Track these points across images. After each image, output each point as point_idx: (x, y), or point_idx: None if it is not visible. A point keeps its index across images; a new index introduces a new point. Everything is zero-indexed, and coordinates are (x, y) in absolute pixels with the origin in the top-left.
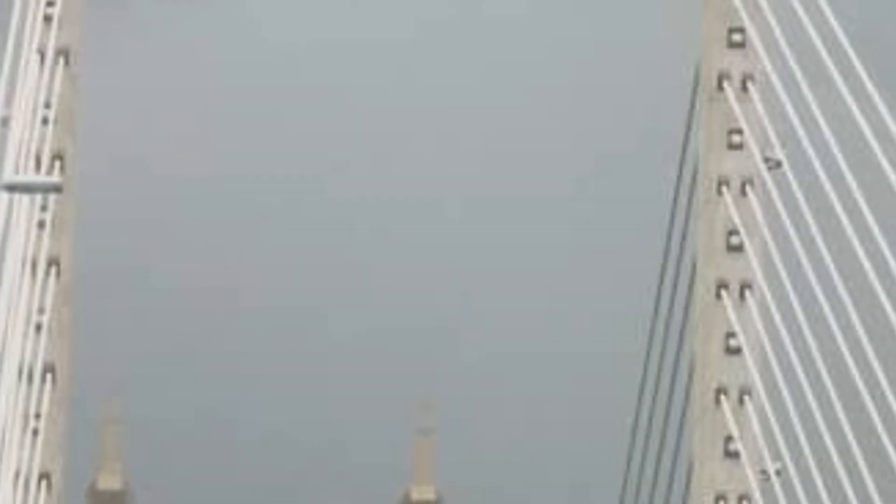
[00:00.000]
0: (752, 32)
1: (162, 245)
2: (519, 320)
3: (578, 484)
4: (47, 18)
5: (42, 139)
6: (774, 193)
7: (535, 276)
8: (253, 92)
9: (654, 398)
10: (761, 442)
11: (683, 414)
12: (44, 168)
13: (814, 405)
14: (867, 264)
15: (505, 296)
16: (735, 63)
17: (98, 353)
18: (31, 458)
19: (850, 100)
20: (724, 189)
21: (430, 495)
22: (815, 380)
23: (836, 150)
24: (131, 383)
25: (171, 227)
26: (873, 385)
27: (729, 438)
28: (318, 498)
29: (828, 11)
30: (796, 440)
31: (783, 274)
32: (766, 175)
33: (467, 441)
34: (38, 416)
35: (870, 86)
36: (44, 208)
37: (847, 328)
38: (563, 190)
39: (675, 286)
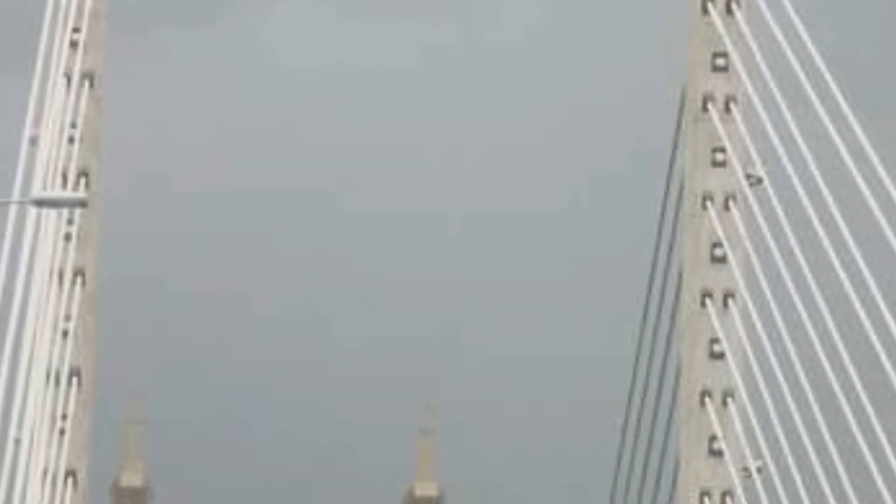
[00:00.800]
0: (734, 57)
1: (181, 256)
2: (517, 326)
3: (574, 481)
4: (73, 44)
5: (68, 157)
6: (756, 208)
7: (533, 284)
8: (267, 113)
9: (643, 400)
10: (743, 441)
11: (670, 415)
12: (70, 184)
13: (793, 407)
14: (843, 274)
15: (504, 303)
16: (719, 86)
17: (121, 357)
18: (59, 457)
19: (826, 120)
20: (709, 204)
21: (433, 492)
22: (794, 383)
23: (813, 167)
24: (152, 387)
25: (190, 240)
26: (849, 388)
27: (713, 438)
28: (327, 495)
29: (805, 37)
30: (776, 439)
31: (764, 284)
32: (748, 191)
33: (468, 441)
34: (64, 417)
35: (845, 107)
36: (70, 222)
37: (824, 334)
38: (559, 204)
39: (662, 295)
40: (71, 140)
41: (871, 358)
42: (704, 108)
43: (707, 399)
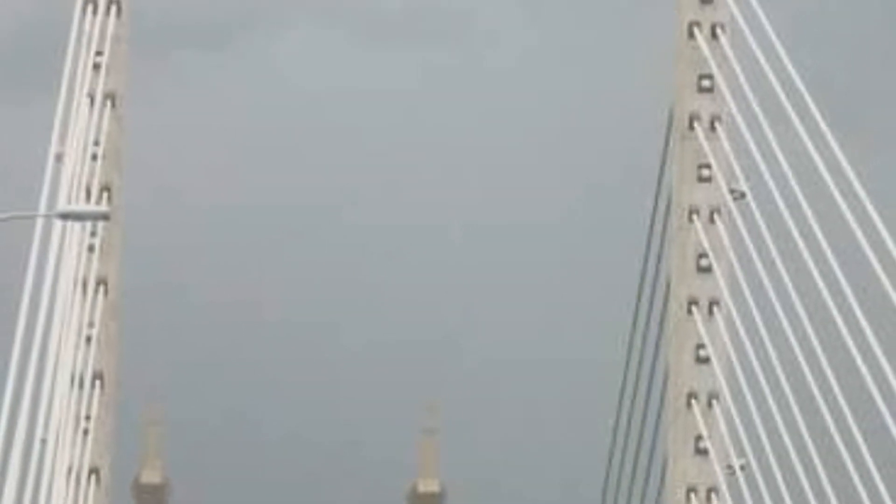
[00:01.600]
0: (719, 79)
1: (196, 266)
2: (514, 331)
3: (568, 478)
4: (96, 66)
5: (91, 173)
6: (739, 221)
7: (529, 292)
8: (277, 131)
9: (633, 402)
10: (728, 441)
11: (658, 416)
12: (93, 198)
13: (774, 408)
14: (821, 283)
15: (502, 309)
16: (704, 106)
17: (141, 362)
18: (82, 455)
19: (806, 138)
20: (695, 217)
21: (435, 488)
22: (776, 386)
23: (793, 182)
24: (171, 389)
25: (205, 250)
26: (826, 390)
27: (699, 438)
28: (334, 491)
29: (786, 60)
30: (759, 439)
31: (747, 292)
32: (732, 205)
33: (468, 440)
34: (88, 418)
35: (823, 126)
36: (93, 234)
37: (803, 340)
38: (553, 217)
39: (651, 302)
40: (94, 157)
41: (847, 362)
42: (691, 127)
43: (693, 401)
